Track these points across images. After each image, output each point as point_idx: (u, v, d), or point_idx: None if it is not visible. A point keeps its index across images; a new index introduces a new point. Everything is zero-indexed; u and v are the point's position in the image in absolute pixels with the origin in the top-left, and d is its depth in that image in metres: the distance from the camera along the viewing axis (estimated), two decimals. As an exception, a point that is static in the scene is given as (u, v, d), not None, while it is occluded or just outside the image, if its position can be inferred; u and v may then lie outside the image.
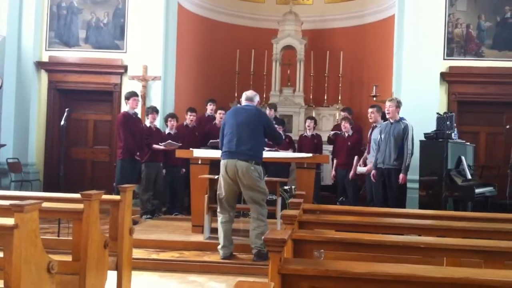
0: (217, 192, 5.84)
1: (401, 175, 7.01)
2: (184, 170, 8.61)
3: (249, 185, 5.62)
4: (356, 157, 8.55)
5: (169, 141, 8.20)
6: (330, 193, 9.92)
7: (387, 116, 7.36)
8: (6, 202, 3.50)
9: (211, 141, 8.06)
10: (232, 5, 12.64)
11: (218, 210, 5.85)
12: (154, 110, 8.51)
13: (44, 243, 2.92)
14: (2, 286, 2.68)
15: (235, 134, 5.68)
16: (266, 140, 6.20)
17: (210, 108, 9.50)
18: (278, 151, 7.50)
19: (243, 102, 6.03)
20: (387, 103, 7.33)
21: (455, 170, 7.26)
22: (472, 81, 9.55)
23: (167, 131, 8.71)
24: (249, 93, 6.07)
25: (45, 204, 3.17)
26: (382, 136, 7.29)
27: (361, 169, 7.77)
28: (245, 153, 5.60)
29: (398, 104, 7.30)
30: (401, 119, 7.28)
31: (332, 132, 9.44)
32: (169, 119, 8.73)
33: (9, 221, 2.73)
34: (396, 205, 6.88)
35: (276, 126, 9.11)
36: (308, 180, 6.80)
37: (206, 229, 6.56)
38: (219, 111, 9.09)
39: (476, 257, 2.93)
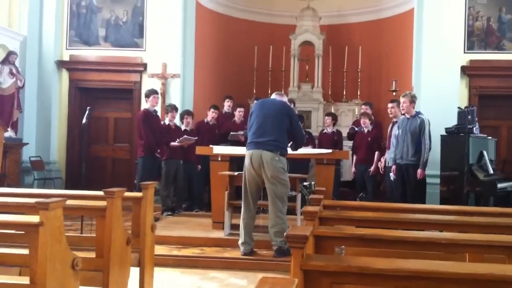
0: (242, 185, 5.85)
1: (419, 171, 6.95)
2: (200, 166, 8.65)
3: (273, 177, 5.58)
4: (377, 153, 8.51)
5: (185, 136, 8.23)
6: (349, 189, 9.89)
7: (402, 112, 7.32)
8: (31, 200, 3.56)
9: (231, 133, 8.07)
10: (249, 1, 12.62)
11: (242, 203, 5.85)
12: (173, 108, 8.55)
13: (67, 240, 2.95)
14: (28, 282, 2.73)
15: (261, 125, 5.68)
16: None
17: (227, 104, 9.53)
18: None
19: (273, 96, 6.14)
20: (401, 99, 7.28)
21: (477, 165, 7.19)
22: (493, 74, 9.43)
23: (182, 127, 8.74)
24: (279, 91, 6.34)
25: (69, 202, 3.21)
26: (400, 132, 7.25)
27: (392, 176, 7.63)
28: (271, 144, 5.59)
29: (413, 99, 7.23)
30: (417, 113, 7.22)
31: (350, 126, 9.39)
32: (185, 116, 8.76)
33: (34, 218, 2.77)
34: (415, 200, 6.84)
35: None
36: (327, 176, 6.79)
37: (226, 226, 6.58)
38: (238, 109, 9.10)
39: (500, 253, 2.90)
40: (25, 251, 2.89)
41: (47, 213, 2.72)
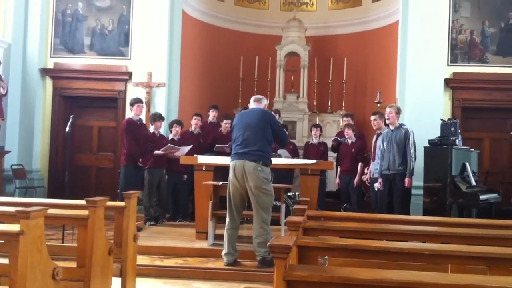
0: (226, 196, 5.84)
1: (406, 179, 7.03)
2: (186, 176, 8.61)
3: (256, 187, 5.57)
4: (360, 164, 8.54)
5: (169, 145, 8.18)
6: (334, 199, 9.92)
7: (387, 122, 7.40)
8: (12, 209, 3.52)
9: (216, 145, 8.06)
10: (236, 11, 12.69)
11: (227, 214, 5.83)
12: (160, 118, 8.50)
13: (48, 249, 2.92)
14: (8, 292, 2.69)
15: (243, 135, 5.67)
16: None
17: (212, 114, 9.52)
18: (281, 156, 7.50)
19: (251, 104, 6.07)
20: (387, 110, 7.36)
21: (460, 176, 7.26)
22: (476, 87, 9.53)
23: (170, 137, 8.71)
24: (257, 96, 6.21)
25: (50, 211, 3.18)
26: (385, 144, 7.32)
27: (377, 185, 7.67)
28: (253, 154, 5.58)
29: (398, 111, 7.36)
30: (401, 125, 7.32)
31: (333, 138, 9.45)
32: (174, 125, 8.73)
33: (14, 227, 2.74)
34: (400, 209, 6.88)
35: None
36: (312, 186, 6.79)
37: (210, 236, 6.55)
38: (224, 121, 9.11)
39: (481, 264, 2.93)
40: (5, 260, 2.84)
41: (28, 222, 2.69)
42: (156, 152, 8.07)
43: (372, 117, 8.04)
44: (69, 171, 6.91)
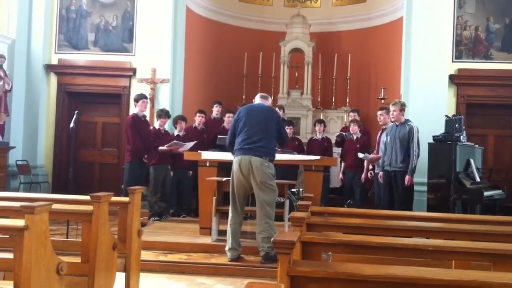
0: (230, 191, 5.84)
1: (407, 177, 7.03)
2: (191, 172, 8.62)
3: (262, 182, 5.59)
4: (366, 160, 8.53)
5: (174, 141, 8.19)
6: (337, 195, 9.91)
7: (392, 120, 7.39)
8: (17, 204, 3.53)
9: (219, 136, 8.05)
10: (240, 8, 12.67)
11: (230, 209, 5.84)
12: (166, 115, 8.51)
13: (53, 244, 2.93)
14: (12, 287, 2.70)
15: (249, 131, 5.68)
16: None
17: (216, 110, 9.52)
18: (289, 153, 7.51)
19: (257, 100, 6.10)
20: (391, 107, 7.36)
21: (464, 173, 7.24)
22: (480, 83, 9.50)
23: (175, 133, 8.72)
24: (263, 93, 6.31)
25: (55, 206, 3.19)
26: (388, 139, 7.31)
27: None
28: (259, 150, 5.61)
29: (402, 107, 7.33)
30: (406, 121, 7.31)
31: (337, 133, 9.45)
32: (179, 121, 8.74)
33: (19, 222, 2.74)
34: (402, 207, 6.88)
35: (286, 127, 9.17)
36: (316, 182, 6.79)
37: (213, 231, 6.56)
38: (227, 114, 9.09)
39: (485, 260, 2.92)
40: (10, 255, 2.85)
41: (33, 217, 2.70)
42: (161, 148, 8.08)
43: (379, 112, 8.09)
44: (73, 167, 6.93)
